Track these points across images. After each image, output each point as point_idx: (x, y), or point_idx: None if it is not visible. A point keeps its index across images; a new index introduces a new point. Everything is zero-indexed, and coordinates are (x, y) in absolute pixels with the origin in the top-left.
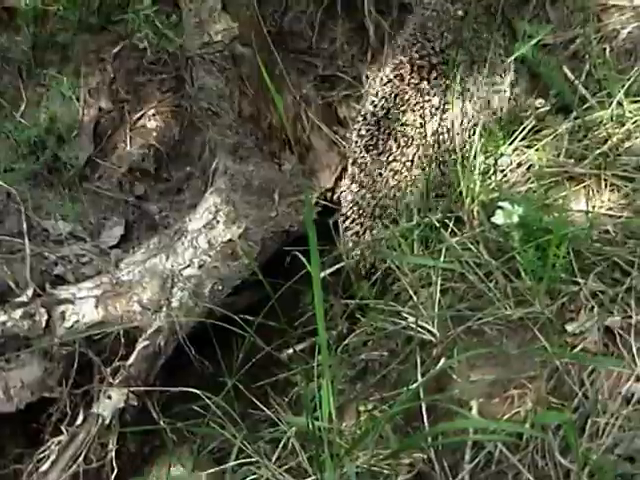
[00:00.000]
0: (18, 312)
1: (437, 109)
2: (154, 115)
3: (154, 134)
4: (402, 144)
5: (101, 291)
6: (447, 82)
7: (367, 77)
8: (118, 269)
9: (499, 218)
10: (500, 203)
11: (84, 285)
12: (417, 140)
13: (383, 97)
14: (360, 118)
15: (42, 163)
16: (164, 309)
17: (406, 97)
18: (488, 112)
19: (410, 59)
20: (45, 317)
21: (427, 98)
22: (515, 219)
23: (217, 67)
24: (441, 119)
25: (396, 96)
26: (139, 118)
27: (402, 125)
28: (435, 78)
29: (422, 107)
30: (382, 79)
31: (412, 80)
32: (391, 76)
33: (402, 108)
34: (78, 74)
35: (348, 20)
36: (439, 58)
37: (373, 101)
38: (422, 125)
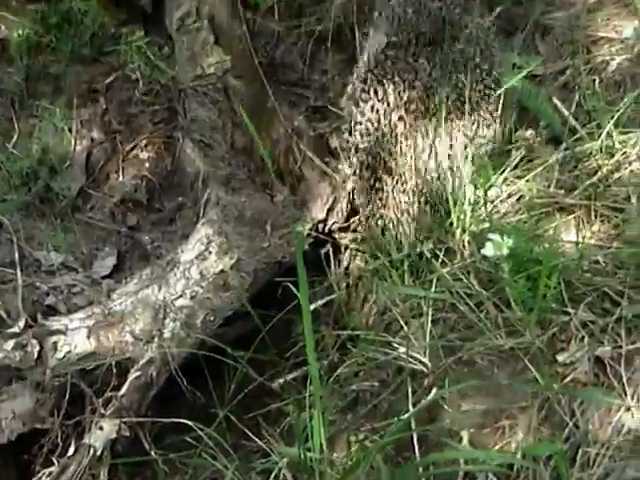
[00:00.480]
0: (10, 343)
1: (426, 140)
2: (146, 146)
3: (146, 165)
4: (391, 175)
5: (93, 322)
6: (435, 113)
7: (357, 105)
8: (110, 300)
9: (489, 250)
10: (490, 235)
11: (76, 316)
12: (406, 171)
13: (371, 129)
14: (350, 149)
15: (34, 194)
16: (156, 340)
17: (394, 128)
18: (478, 143)
19: (397, 90)
20: (37, 348)
21: (415, 129)
22: (505, 251)
23: (209, 99)
24: (430, 150)
25: (384, 127)
26: (131, 149)
27: (390, 157)
28: (425, 109)
29: (410, 138)
30: (369, 109)
31: (399, 111)
32: (378, 106)
33: (390, 140)
34: (70, 105)
35: (339, 52)
36: (426, 88)
37: (361, 132)
38: (411, 157)
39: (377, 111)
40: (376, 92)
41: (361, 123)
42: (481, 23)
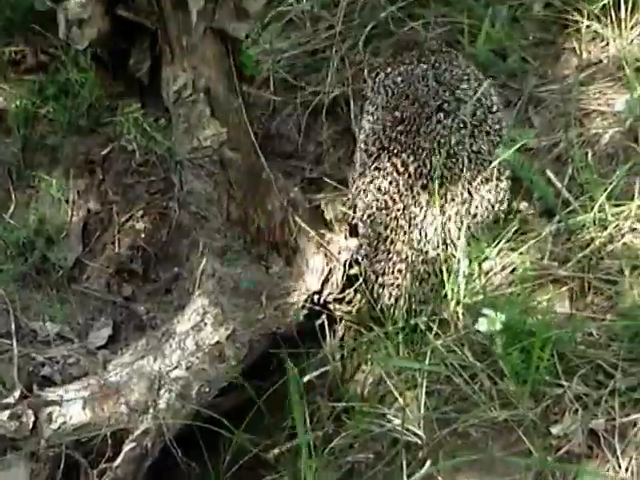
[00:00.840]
0: (5, 413)
1: (421, 212)
2: (142, 216)
3: (142, 235)
4: (386, 247)
5: (88, 392)
6: (430, 187)
7: (353, 181)
8: (106, 370)
9: (482, 325)
10: (483, 310)
11: (71, 387)
12: (401, 244)
13: (367, 204)
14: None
15: (31, 264)
16: (151, 411)
17: (389, 203)
18: (472, 215)
19: (394, 165)
20: (32, 419)
21: (411, 202)
22: (498, 326)
23: (206, 171)
24: (425, 223)
25: (380, 203)
26: (127, 219)
27: (386, 230)
28: (423, 186)
29: (406, 211)
30: (366, 185)
31: (396, 186)
32: (375, 182)
33: (386, 213)
34: (67, 176)
35: (334, 123)
36: (420, 164)
37: (358, 207)
38: (406, 230)
39: (377, 185)
40: (377, 168)
41: (361, 196)
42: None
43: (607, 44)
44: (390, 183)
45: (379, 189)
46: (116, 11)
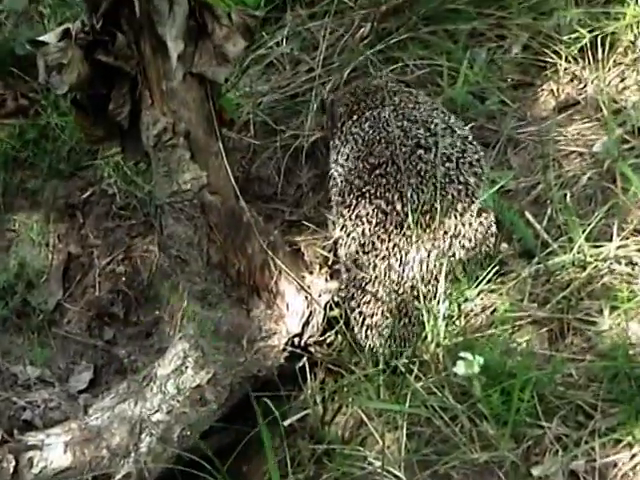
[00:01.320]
0: None
1: (400, 253)
2: (123, 260)
3: (123, 279)
4: (375, 289)
5: (70, 437)
6: (409, 229)
7: (333, 223)
8: (87, 414)
9: (460, 368)
10: (461, 353)
11: (52, 431)
12: (381, 285)
13: (350, 252)
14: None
15: (11, 308)
16: (132, 455)
17: (377, 244)
18: (452, 258)
19: (377, 207)
20: (13, 463)
21: (391, 245)
22: (476, 369)
23: (186, 215)
24: (404, 265)
25: (366, 247)
26: (108, 263)
27: (375, 270)
28: (398, 225)
29: (386, 252)
30: (346, 234)
31: (383, 226)
32: (357, 230)
33: (375, 254)
34: (48, 219)
35: (313, 166)
36: (407, 201)
37: (340, 254)
38: (397, 268)
39: (361, 231)
40: (358, 216)
41: (343, 244)
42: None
43: (585, 86)
44: (376, 225)
45: (363, 233)
46: (95, 56)
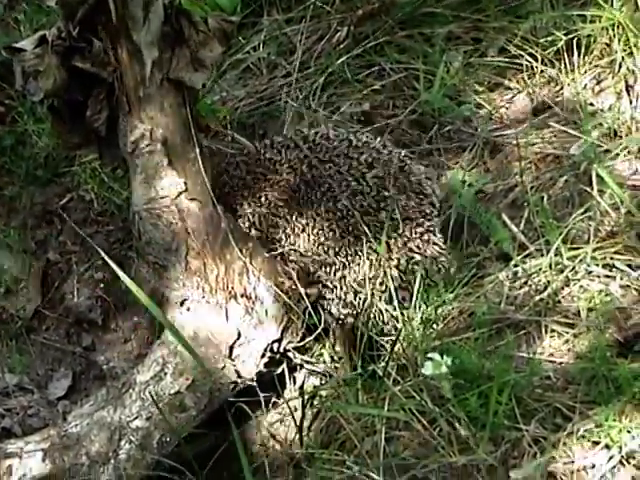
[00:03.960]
0: None
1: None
2: (101, 266)
3: (101, 285)
4: (343, 291)
5: (49, 444)
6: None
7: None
8: (66, 421)
9: (428, 369)
10: (429, 354)
11: (31, 438)
12: (350, 291)
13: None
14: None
15: None
16: (112, 461)
17: (341, 251)
18: (428, 262)
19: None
20: None
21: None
22: (444, 369)
23: (163, 221)
24: (380, 266)
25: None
26: (87, 269)
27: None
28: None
29: (360, 256)
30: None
31: (344, 234)
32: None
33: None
34: (25, 226)
35: None
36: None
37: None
38: (363, 276)
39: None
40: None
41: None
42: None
43: (561, 88)
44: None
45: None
46: (72, 62)
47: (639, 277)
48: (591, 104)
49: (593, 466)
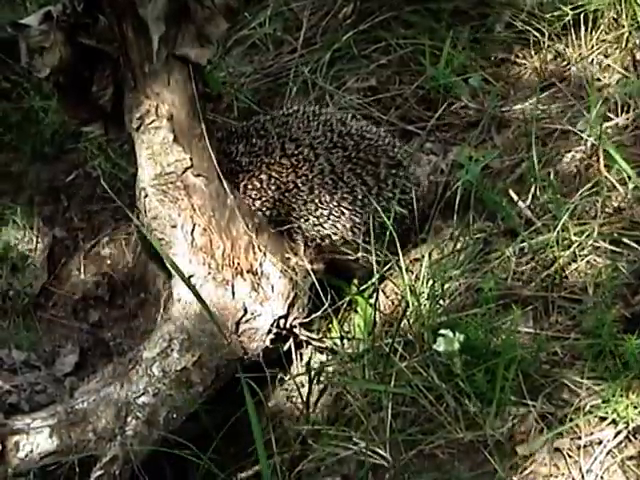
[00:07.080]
0: None
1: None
2: (108, 243)
3: (108, 261)
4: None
5: (55, 420)
6: None
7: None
8: (72, 398)
9: (440, 345)
10: (442, 331)
11: (39, 415)
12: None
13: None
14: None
15: None
16: (119, 438)
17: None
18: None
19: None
20: None
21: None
22: (456, 346)
23: (169, 197)
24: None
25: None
26: (93, 246)
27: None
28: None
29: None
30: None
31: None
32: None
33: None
34: (32, 203)
35: None
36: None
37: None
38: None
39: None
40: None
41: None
42: None
43: (568, 64)
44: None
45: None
46: (77, 38)
47: None
48: (598, 79)
49: (600, 442)
